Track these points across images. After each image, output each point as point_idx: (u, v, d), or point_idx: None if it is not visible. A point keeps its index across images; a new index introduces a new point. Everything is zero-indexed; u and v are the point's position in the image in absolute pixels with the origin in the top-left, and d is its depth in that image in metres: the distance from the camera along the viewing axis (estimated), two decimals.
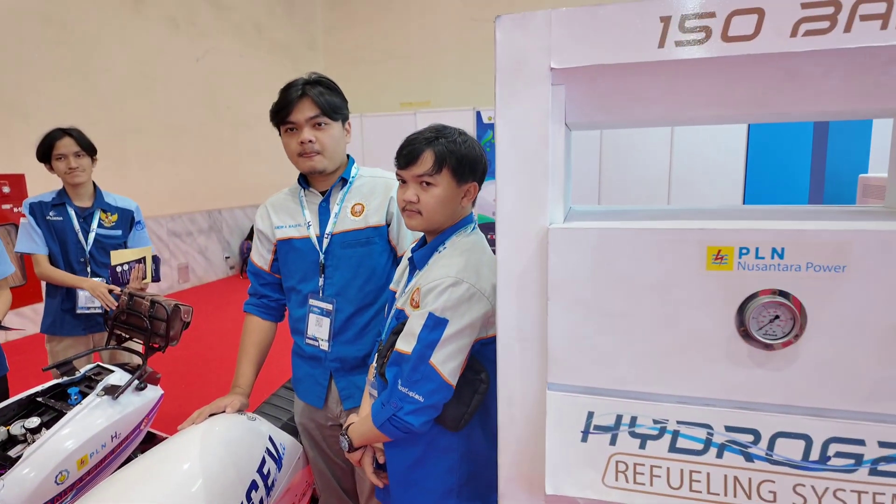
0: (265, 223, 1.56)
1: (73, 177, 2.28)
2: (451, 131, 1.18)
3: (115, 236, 2.42)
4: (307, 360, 1.54)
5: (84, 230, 2.34)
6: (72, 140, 2.28)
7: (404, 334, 1.12)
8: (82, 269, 2.33)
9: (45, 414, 1.78)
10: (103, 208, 2.40)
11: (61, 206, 2.32)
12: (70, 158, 2.26)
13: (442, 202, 1.15)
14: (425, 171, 1.14)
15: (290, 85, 1.42)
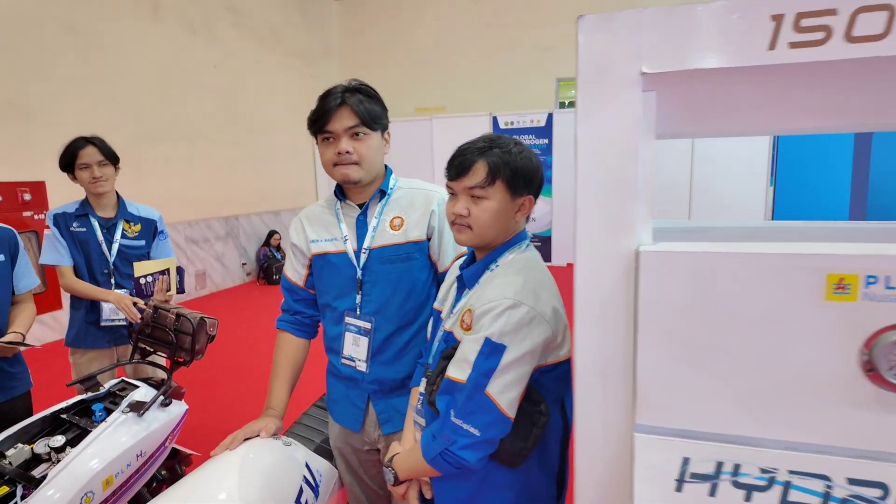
0: (300, 237, 1.48)
1: (97, 186, 2.23)
2: (506, 141, 1.10)
3: (139, 247, 2.36)
4: (343, 380, 1.46)
5: (107, 241, 2.29)
6: (95, 149, 2.23)
7: (457, 360, 1.03)
8: (106, 280, 2.28)
9: (69, 431, 1.72)
10: (126, 218, 2.35)
11: (84, 217, 2.28)
12: (94, 168, 2.22)
13: (494, 216, 1.07)
14: (477, 184, 1.07)
15: (328, 92, 1.35)
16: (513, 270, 1.07)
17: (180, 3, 6.32)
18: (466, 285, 1.15)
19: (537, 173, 1.10)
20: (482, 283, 1.11)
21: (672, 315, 0.68)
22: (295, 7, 8.47)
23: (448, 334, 1.13)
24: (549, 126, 7.82)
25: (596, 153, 0.72)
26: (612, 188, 0.71)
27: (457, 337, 1.10)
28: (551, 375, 1.06)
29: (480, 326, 1.01)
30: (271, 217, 8.03)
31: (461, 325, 1.09)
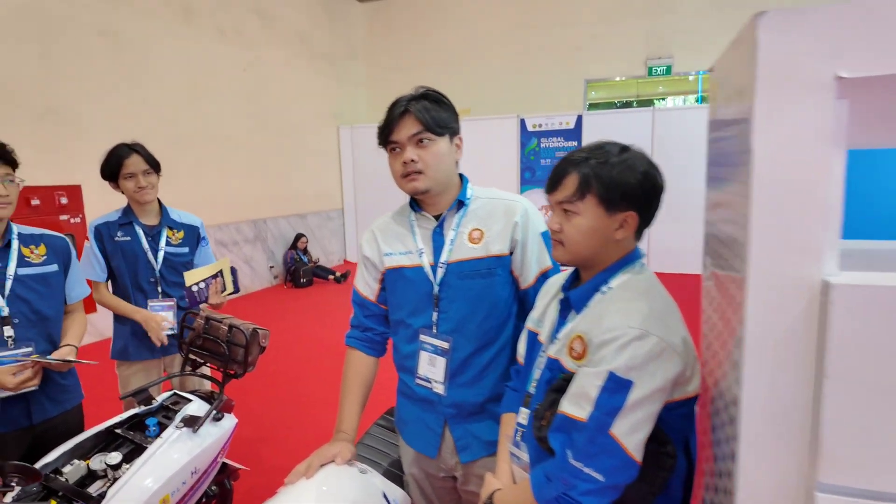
0: (372, 249, 1.41)
1: (143, 195, 2.18)
2: (609, 149, 1.00)
3: (183, 254, 2.31)
4: (417, 402, 1.38)
5: (153, 249, 2.24)
6: (140, 157, 2.18)
7: (574, 395, 0.93)
8: (153, 289, 2.24)
9: (123, 447, 1.67)
10: (170, 225, 2.30)
11: (128, 226, 2.23)
12: (139, 177, 2.16)
13: (585, 234, 0.99)
14: (566, 198, 0.99)
15: (394, 103, 1.29)
16: (633, 294, 0.97)
17: (211, 8, 6.34)
18: (574, 308, 1.05)
19: (640, 186, 0.98)
20: (592, 306, 1.01)
21: (869, 358, 0.59)
22: (322, 10, 8.47)
23: (553, 362, 1.04)
24: (579, 128, 7.68)
25: (775, 167, 0.62)
26: (794, 208, 0.62)
27: (565, 366, 1.00)
28: (677, 413, 0.96)
29: (601, 358, 0.91)
30: (298, 220, 8.02)
31: (570, 352, 0.99)
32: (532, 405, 1.06)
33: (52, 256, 1.81)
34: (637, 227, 1.01)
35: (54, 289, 1.80)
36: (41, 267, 1.77)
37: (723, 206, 1.01)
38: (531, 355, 1.15)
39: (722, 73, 1.02)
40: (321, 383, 3.96)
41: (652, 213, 1.02)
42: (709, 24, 7.72)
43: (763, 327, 0.64)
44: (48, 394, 1.76)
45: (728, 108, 0.92)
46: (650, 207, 1.01)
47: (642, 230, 1.03)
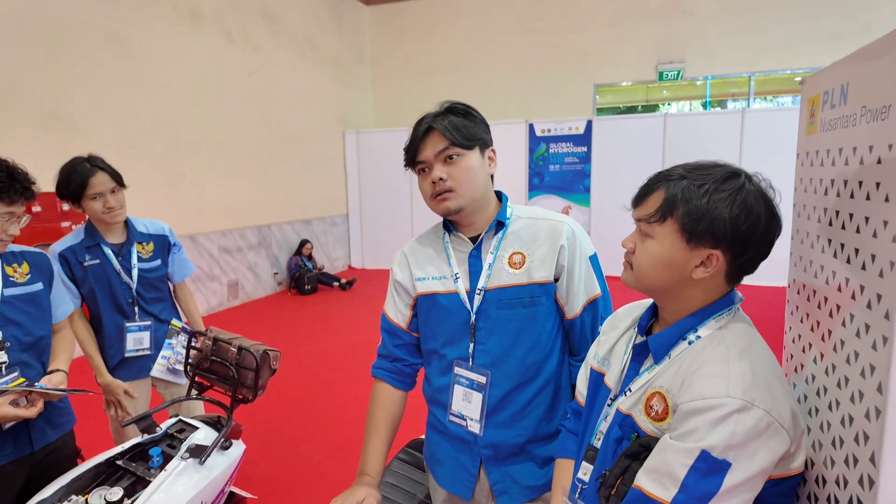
0: (404, 273, 1.30)
1: (113, 216, 2.01)
2: (715, 172, 0.83)
3: (156, 268, 2.17)
4: (451, 440, 1.27)
5: (125, 268, 2.10)
6: (106, 175, 1.99)
7: (654, 470, 0.78)
8: (131, 309, 2.12)
9: (124, 479, 1.56)
10: (138, 240, 2.14)
11: (96, 248, 2.05)
12: (108, 197, 1.98)
13: (656, 263, 0.85)
14: (645, 217, 0.86)
15: (418, 121, 1.18)
16: (731, 353, 0.81)
17: (218, 12, 6.26)
18: (654, 355, 0.90)
19: (736, 224, 0.81)
20: (676, 357, 0.87)
21: None
22: (329, 14, 8.40)
23: (624, 418, 0.90)
24: (588, 133, 7.58)
25: None
26: None
27: (640, 426, 0.87)
28: (774, 491, 0.83)
29: (691, 431, 0.76)
30: (303, 226, 7.92)
31: (647, 410, 0.86)
32: (597, 463, 0.94)
33: (36, 274, 1.69)
34: (728, 270, 0.85)
35: (43, 308, 1.69)
36: (27, 286, 1.65)
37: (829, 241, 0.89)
38: (594, 399, 1.02)
39: (832, 86, 0.90)
40: (330, 398, 3.84)
41: (750, 257, 0.84)
42: (722, 29, 7.62)
43: None
44: (48, 418, 1.66)
45: (847, 130, 0.80)
46: (746, 250, 0.83)
47: (739, 275, 0.86)
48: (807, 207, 1.06)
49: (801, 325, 1.04)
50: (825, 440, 0.86)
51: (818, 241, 0.98)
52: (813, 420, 0.93)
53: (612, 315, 1.10)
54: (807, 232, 1.06)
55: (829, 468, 0.83)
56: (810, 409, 0.95)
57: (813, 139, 1.04)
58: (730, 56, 7.66)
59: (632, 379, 0.93)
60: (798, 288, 1.09)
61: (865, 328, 0.73)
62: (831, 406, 0.85)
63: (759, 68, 7.66)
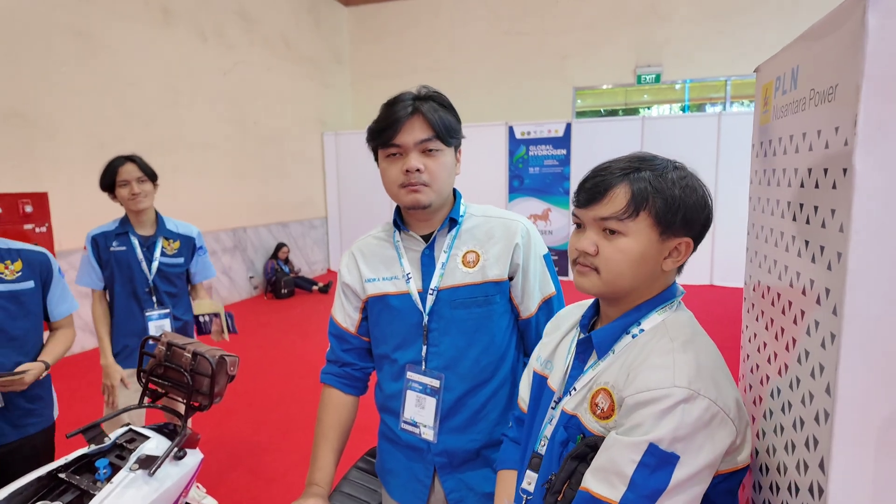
0: (352, 275, 1.24)
1: (135, 203, 2.21)
2: (662, 162, 0.84)
3: (178, 264, 2.35)
4: (402, 448, 1.22)
5: (147, 259, 2.28)
6: (134, 166, 2.22)
7: (602, 469, 0.75)
8: (148, 299, 2.28)
9: (67, 493, 1.48)
10: (165, 235, 2.34)
11: (124, 236, 2.27)
12: (133, 184, 2.19)
13: (632, 260, 0.81)
14: (613, 213, 0.81)
15: (395, 99, 1.10)
16: (675, 343, 0.79)
17: (191, 9, 6.14)
18: (597, 351, 0.87)
19: (702, 211, 0.83)
20: (620, 352, 0.84)
21: None
22: (307, 14, 8.30)
23: (570, 418, 0.86)
24: (568, 136, 7.60)
25: (888, 192, 0.47)
26: None
27: (585, 425, 0.83)
28: (723, 487, 0.80)
29: (637, 424, 0.74)
30: (279, 229, 7.80)
31: (592, 408, 0.82)
32: (542, 470, 0.89)
33: (27, 272, 1.72)
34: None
35: (27, 307, 1.71)
36: (14, 284, 1.68)
37: (782, 234, 0.86)
38: (538, 403, 0.98)
39: (783, 71, 0.87)
40: (302, 403, 3.75)
41: (699, 242, 0.86)
42: (699, 33, 7.71)
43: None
44: (7, 417, 1.67)
45: (798, 115, 0.78)
46: (702, 236, 0.85)
47: (684, 263, 0.86)
48: (761, 200, 1.04)
49: (756, 324, 1.02)
50: (779, 444, 0.83)
51: (771, 235, 0.95)
52: (768, 423, 0.91)
53: (555, 316, 1.07)
54: (761, 226, 1.03)
55: (783, 474, 0.80)
56: (765, 412, 0.93)
57: (766, 128, 1.01)
58: (706, 60, 7.75)
59: (576, 378, 0.89)
60: (754, 285, 1.06)
61: (815, 325, 0.70)
62: (784, 408, 0.83)
63: (735, 72, 7.76)
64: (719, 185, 6.85)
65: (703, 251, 7.11)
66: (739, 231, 3.29)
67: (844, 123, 0.54)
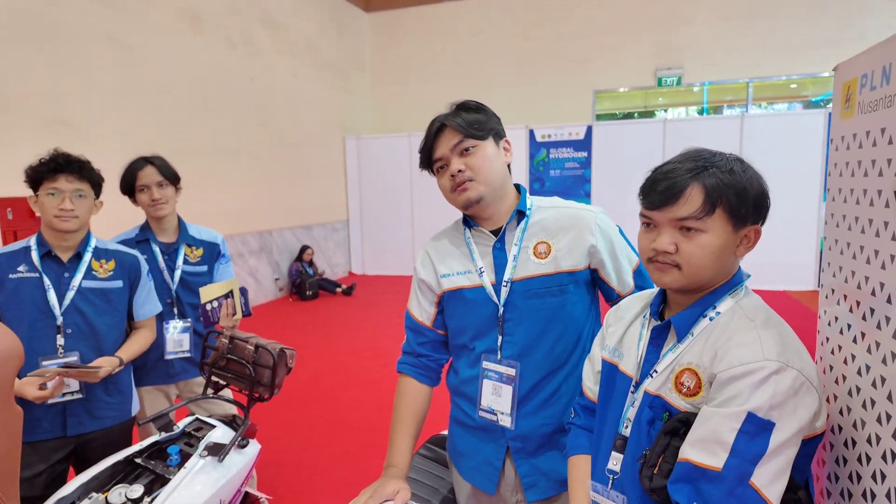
0: (427, 271, 1.30)
1: (156, 209, 2.07)
2: (724, 158, 0.89)
3: (201, 272, 2.19)
4: (475, 431, 1.27)
5: (169, 268, 2.13)
6: (154, 169, 2.08)
7: (701, 440, 0.80)
8: (169, 309, 2.11)
9: (142, 477, 1.56)
10: (188, 242, 2.18)
11: (145, 243, 2.11)
12: (153, 189, 2.05)
13: (712, 254, 0.86)
14: (692, 213, 0.85)
15: (431, 122, 1.21)
16: (756, 322, 0.85)
17: (220, 17, 6.29)
18: (677, 336, 0.92)
19: (766, 196, 0.89)
20: (699, 334, 0.89)
21: None
22: (330, 21, 8.44)
23: (654, 399, 0.91)
24: (588, 139, 7.63)
25: None
26: None
27: (672, 404, 0.88)
28: (803, 452, 0.85)
29: (733, 396, 0.79)
30: (303, 232, 7.92)
31: (678, 388, 0.88)
32: (630, 449, 0.94)
33: (119, 272, 1.84)
34: None
35: (114, 305, 1.82)
36: (105, 282, 1.80)
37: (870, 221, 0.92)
38: (611, 390, 1.02)
39: (871, 69, 0.93)
40: (333, 403, 3.82)
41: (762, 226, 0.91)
42: (720, 35, 7.71)
43: None
44: (89, 409, 1.76)
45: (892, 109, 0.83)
46: (765, 221, 0.91)
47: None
48: (842, 191, 1.08)
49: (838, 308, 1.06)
50: (854, 404, 0.89)
51: (856, 223, 1.00)
52: (840, 387, 0.96)
53: (616, 307, 1.12)
54: (843, 215, 1.08)
55: (860, 429, 0.85)
56: (836, 378, 0.98)
57: (849, 123, 1.06)
58: (728, 62, 7.74)
59: (654, 362, 0.94)
60: (833, 272, 1.11)
61: None
62: (860, 371, 0.88)
63: (757, 74, 7.74)
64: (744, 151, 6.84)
65: None
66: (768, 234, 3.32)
67: None
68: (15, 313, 1.68)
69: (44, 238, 1.76)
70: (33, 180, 1.71)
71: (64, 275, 1.75)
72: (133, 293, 1.89)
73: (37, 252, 1.74)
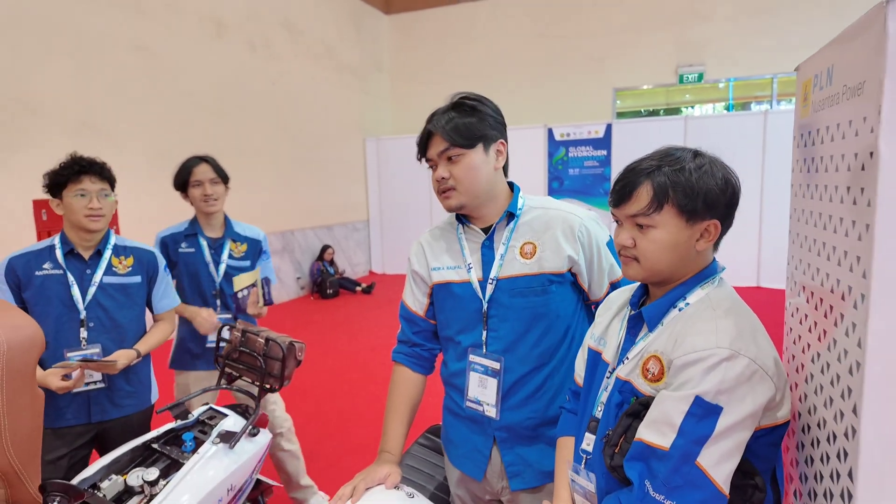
0: (420, 263, 1.36)
1: (207, 205, 2.22)
2: (683, 155, 0.92)
3: (244, 267, 2.32)
4: (465, 421, 1.32)
5: (215, 261, 2.27)
6: (208, 166, 2.25)
7: (654, 421, 0.85)
8: (214, 301, 2.25)
9: (159, 462, 1.65)
10: (233, 238, 2.32)
11: (193, 237, 2.27)
12: (206, 185, 2.22)
13: (664, 248, 0.91)
14: (640, 210, 0.91)
15: (428, 118, 1.24)
16: (717, 312, 0.89)
17: (241, 22, 6.45)
18: (648, 325, 0.97)
19: (724, 192, 0.91)
20: (668, 324, 0.93)
21: None
22: (349, 23, 8.57)
23: (623, 384, 0.96)
24: (608, 137, 7.58)
25: None
26: None
27: (638, 388, 0.93)
28: (765, 441, 0.88)
29: (685, 381, 0.84)
30: (324, 232, 8.06)
31: (644, 374, 0.92)
32: (600, 430, 0.99)
33: (137, 268, 1.92)
34: (718, 237, 0.94)
35: (133, 299, 1.91)
36: (125, 277, 1.89)
37: (821, 214, 0.93)
38: (593, 376, 1.07)
39: (820, 70, 0.96)
40: (350, 397, 3.91)
41: (731, 220, 0.94)
42: (742, 31, 7.57)
43: (888, 351, 0.56)
44: (111, 397, 1.86)
45: (833, 108, 0.86)
46: (730, 215, 0.93)
47: (720, 240, 0.95)
48: (802, 186, 1.11)
49: (798, 298, 1.08)
50: (818, 402, 0.91)
51: (820, 218, 1.02)
52: (809, 385, 0.99)
53: (606, 299, 1.16)
54: (802, 209, 1.10)
55: (822, 428, 0.88)
56: (806, 377, 1.01)
57: (806, 121, 1.10)
58: (751, 58, 7.59)
59: (628, 350, 0.99)
60: (796, 264, 1.12)
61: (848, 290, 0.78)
62: (823, 370, 0.90)
63: (781, 69, 7.57)
64: (766, 183, 6.70)
65: (749, 252, 6.95)
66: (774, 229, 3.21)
67: (871, 114, 0.62)
68: (42, 308, 1.79)
69: (67, 237, 1.86)
70: (56, 184, 1.79)
71: (86, 271, 1.85)
72: (151, 288, 1.98)
73: (61, 250, 1.83)
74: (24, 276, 1.79)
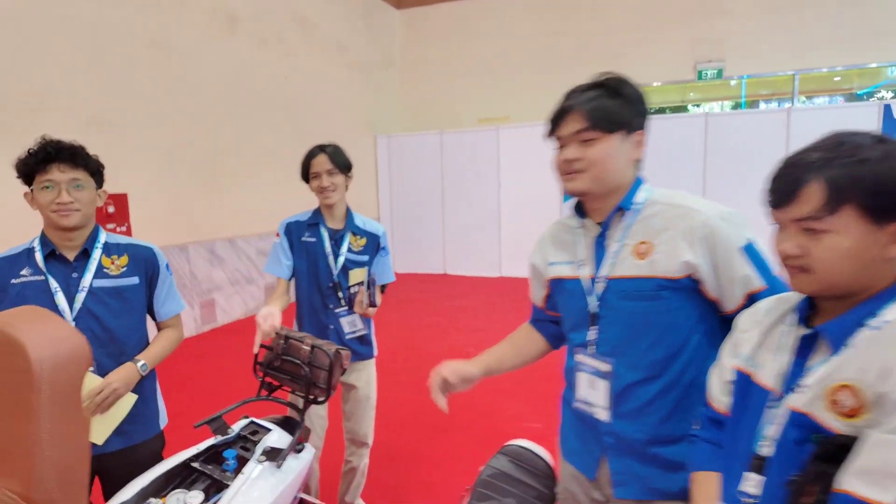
0: (537, 257, 1.33)
1: (324, 196, 2.16)
2: (860, 142, 0.76)
3: (362, 262, 2.22)
4: (579, 419, 1.23)
5: (334, 253, 2.18)
6: (326, 157, 2.15)
7: (867, 471, 0.69)
8: (331, 294, 2.16)
9: (199, 482, 1.50)
10: (353, 231, 2.24)
11: (315, 227, 2.21)
12: (323, 177, 2.14)
13: (846, 257, 0.76)
14: (810, 213, 0.76)
15: (567, 93, 1.13)
16: None
17: (254, 17, 6.30)
18: (832, 346, 0.80)
19: None
20: (859, 346, 0.76)
21: None
22: (360, 19, 8.42)
23: (800, 417, 0.80)
24: None
25: None
26: None
27: (824, 424, 0.76)
28: None
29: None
30: None
31: (831, 406, 0.76)
32: (772, 472, 0.83)
33: (133, 268, 1.65)
34: None
35: (130, 304, 1.64)
36: (118, 279, 1.61)
37: None
38: (746, 403, 0.91)
39: None
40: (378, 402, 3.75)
41: None
42: (761, 26, 7.42)
43: None
44: None
45: None
46: None
47: None
48: None
49: None
50: None
51: None
52: None
53: (750, 310, 0.98)
54: None
55: None
56: None
57: None
58: (771, 54, 7.44)
59: (799, 375, 0.82)
60: None
61: None
62: None
63: (801, 66, 7.43)
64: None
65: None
66: None
67: None
68: None
69: (46, 237, 1.57)
70: (25, 175, 1.52)
71: (72, 275, 1.55)
72: (153, 290, 1.70)
73: (41, 253, 1.55)
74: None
